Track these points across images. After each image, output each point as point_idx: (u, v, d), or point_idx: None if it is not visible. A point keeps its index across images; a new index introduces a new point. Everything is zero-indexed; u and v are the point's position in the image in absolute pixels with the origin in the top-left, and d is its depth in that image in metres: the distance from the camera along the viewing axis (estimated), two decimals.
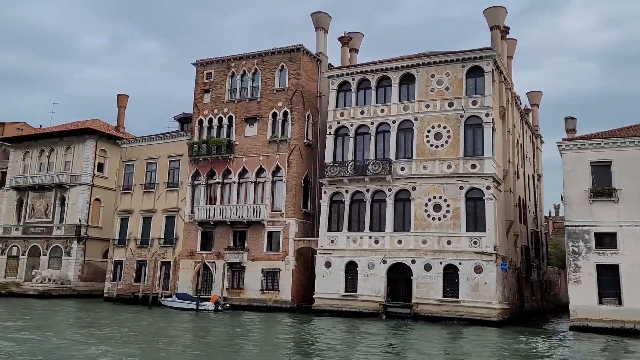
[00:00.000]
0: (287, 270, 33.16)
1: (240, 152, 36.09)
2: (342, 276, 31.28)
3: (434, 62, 31.35)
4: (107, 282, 39.41)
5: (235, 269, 34.69)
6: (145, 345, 18.62)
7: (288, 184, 34.32)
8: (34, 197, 46.80)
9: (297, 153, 34.63)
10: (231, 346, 19.11)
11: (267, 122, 35.70)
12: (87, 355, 15.98)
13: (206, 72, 38.42)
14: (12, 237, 46.93)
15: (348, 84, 33.60)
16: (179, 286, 35.92)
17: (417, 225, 30.04)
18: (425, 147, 30.79)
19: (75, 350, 16.72)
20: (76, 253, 43.93)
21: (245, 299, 33.80)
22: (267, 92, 36.10)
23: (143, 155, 40.14)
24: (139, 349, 17.77)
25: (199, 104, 38.25)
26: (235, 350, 18.14)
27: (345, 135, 33.14)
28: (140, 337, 20.84)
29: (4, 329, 21.46)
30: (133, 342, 19.40)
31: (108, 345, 17.93)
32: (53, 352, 16.47)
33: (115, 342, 18.89)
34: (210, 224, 35.67)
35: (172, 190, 38.34)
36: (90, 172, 45.32)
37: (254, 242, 34.45)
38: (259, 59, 36.75)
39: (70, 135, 46.25)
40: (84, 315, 29.22)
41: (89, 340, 19.36)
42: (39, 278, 42.30)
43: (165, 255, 37.37)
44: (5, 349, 16.57)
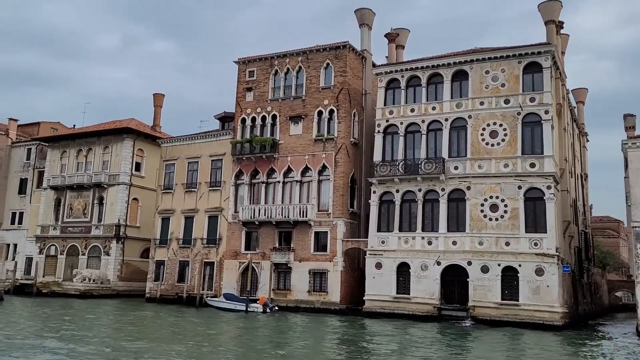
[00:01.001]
0: (336, 271, 32.53)
1: (284, 151, 35.55)
2: (393, 278, 30.56)
3: (489, 58, 30.48)
4: (149, 282, 39.16)
5: (281, 269, 34.16)
6: (212, 350, 18.11)
7: (335, 183, 33.69)
8: (72, 197, 46.79)
9: (344, 152, 33.99)
10: (290, 349, 18.57)
11: (313, 121, 35.10)
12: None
13: (248, 70, 37.94)
14: (50, 236, 46.98)
15: (397, 81, 32.85)
16: (223, 287, 35.49)
17: (472, 226, 29.20)
18: (480, 146, 29.93)
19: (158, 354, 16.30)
20: (115, 253, 43.81)
21: (292, 300, 33.25)
22: (312, 90, 35.52)
23: (184, 154, 39.82)
24: (209, 352, 17.29)
25: (241, 103, 37.80)
26: (296, 354, 17.59)
27: (395, 134, 32.40)
28: (202, 340, 20.35)
29: (78, 329, 21.15)
30: (198, 345, 18.90)
31: (179, 346, 17.49)
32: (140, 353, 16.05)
33: (180, 344, 18.42)
34: (255, 224, 35.19)
35: (214, 189, 37.95)
36: (128, 171, 45.17)
37: (300, 242, 33.89)
38: (303, 56, 36.16)
39: (108, 135, 46.16)
40: (137, 316, 28.83)
41: (166, 344, 18.93)
42: (80, 278, 42.24)
43: (209, 256, 36.98)
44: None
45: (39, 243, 47.36)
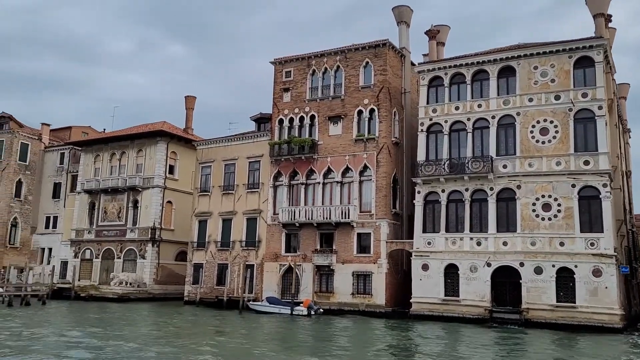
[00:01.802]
0: (380, 273, 31.95)
1: (324, 151, 35.08)
2: (441, 279, 29.91)
3: (537, 54, 29.67)
4: (187, 285, 38.94)
5: (323, 271, 33.68)
6: (275, 354, 17.68)
7: (378, 183, 33.12)
8: (106, 200, 46.85)
9: (386, 152, 33.41)
10: (346, 353, 18.04)
11: (353, 121, 34.58)
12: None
13: (285, 70, 37.57)
14: (85, 240, 47.10)
15: (440, 79, 32.20)
16: (263, 290, 35.13)
17: (524, 226, 28.42)
18: (530, 144, 29.14)
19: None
20: (151, 256, 43.72)
21: (335, 303, 32.73)
22: (351, 89, 35.00)
23: (220, 156, 39.56)
24: (272, 357, 16.87)
25: (278, 103, 37.42)
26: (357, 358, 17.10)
27: (439, 133, 31.75)
28: (263, 345, 19.93)
29: (142, 336, 20.89)
30: (255, 348, 18.50)
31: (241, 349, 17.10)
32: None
33: (241, 347, 18.03)
34: (296, 226, 34.77)
35: (252, 191, 37.62)
36: (163, 174, 45.09)
37: (342, 244, 33.38)
38: (341, 55, 35.68)
39: (141, 138, 46.16)
40: (183, 319, 28.51)
41: (225, 346, 18.56)
42: (117, 281, 42.21)
43: (248, 258, 36.64)
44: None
45: (74, 247, 47.50)
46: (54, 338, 19.69)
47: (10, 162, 49.97)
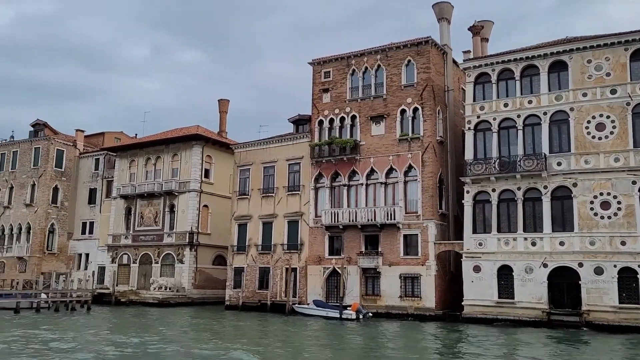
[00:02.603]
0: (429, 275, 31.21)
1: (367, 152, 34.49)
2: (494, 281, 29.06)
3: (591, 47, 28.72)
4: (228, 289, 38.62)
5: (369, 274, 33.07)
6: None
7: (424, 184, 32.42)
8: (142, 205, 46.87)
9: (431, 151, 32.69)
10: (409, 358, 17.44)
11: (396, 120, 33.94)
12: None
13: (324, 71, 37.10)
14: (122, 245, 47.15)
15: (487, 75, 31.40)
16: (307, 293, 34.63)
17: (581, 225, 27.46)
18: (585, 140, 28.19)
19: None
20: (189, 260, 43.56)
21: (383, 306, 32.09)
22: (393, 88, 34.38)
23: (259, 159, 39.21)
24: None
25: (317, 104, 36.96)
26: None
27: (487, 130, 30.94)
28: (316, 349, 19.40)
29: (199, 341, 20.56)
30: (314, 354, 17.97)
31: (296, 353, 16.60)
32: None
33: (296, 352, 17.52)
34: (339, 228, 34.21)
35: (293, 194, 37.18)
36: (199, 178, 44.95)
37: (388, 246, 32.73)
38: (382, 54, 35.09)
39: (176, 142, 46.09)
40: (237, 325, 28.06)
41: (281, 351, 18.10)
42: (156, 286, 42.15)
43: (290, 262, 36.17)
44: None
45: (111, 252, 47.60)
46: (133, 344, 19.41)
47: (47, 168, 50.35)
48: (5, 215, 51.44)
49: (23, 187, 51.10)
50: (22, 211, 50.60)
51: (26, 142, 52.22)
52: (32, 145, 51.72)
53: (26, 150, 51.94)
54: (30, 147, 51.77)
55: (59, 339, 20.34)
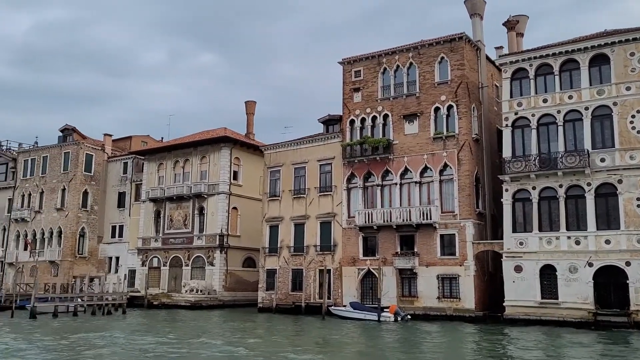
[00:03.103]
0: (468, 276, 30.63)
1: (400, 151, 34.02)
2: (536, 281, 28.37)
3: (633, 39, 27.90)
4: (261, 291, 38.44)
5: (405, 275, 32.58)
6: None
7: (460, 182, 31.84)
8: (172, 208, 46.98)
9: (467, 149, 32.10)
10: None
11: (429, 118, 33.43)
12: None
13: (354, 70, 36.73)
14: (152, 248, 47.31)
15: (524, 71, 30.70)
16: (343, 295, 34.26)
17: (628, 223, 26.65)
18: (630, 135, 27.36)
19: None
20: (219, 263, 43.53)
21: (420, 308, 31.57)
22: (426, 86, 33.87)
23: (289, 160, 38.97)
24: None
25: (348, 104, 36.60)
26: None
27: (526, 127, 30.24)
28: (364, 353, 19.00)
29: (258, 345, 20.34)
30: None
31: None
32: None
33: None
34: (373, 229, 33.79)
35: (325, 194, 36.85)
36: (227, 180, 44.92)
37: (424, 246, 32.21)
38: (414, 52, 34.60)
39: (204, 145, 46.12)
40: (278, 328, 27.71)
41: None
42: (188, 288, 42.20)
43: (324, 263, 35.84)
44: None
45: (141, 255, 47.79)
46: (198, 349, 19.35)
47: (76, 173, 50.79)
48: (37, 220, 52.02)
49: (53, 191, 51.63)
50: (53, 215, 51.11)
51: (56, 147, 52.75)
52: (61, 150, 52.22)
53: (56, 155, 52.47)
54: (59, 152, 52.28)
55: (141, 340, 20.33)
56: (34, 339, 20.82)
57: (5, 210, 54.55)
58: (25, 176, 54.03)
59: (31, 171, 53.72)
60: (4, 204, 54.85)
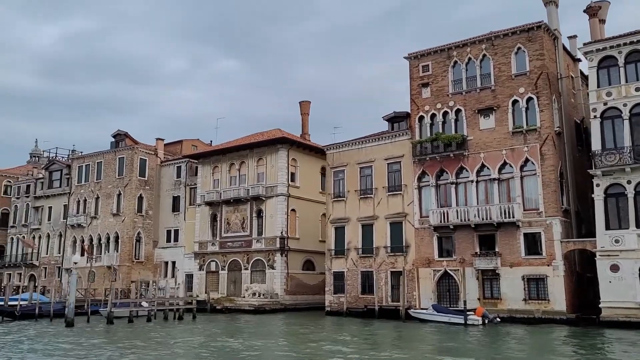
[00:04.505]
0: (557, 276, 29.02)
1: (475, 147, 32.64)
2: (636, 281, 26.64)
3: None
4: (328, 294, 37.43)
5: (486, 276, 31.13)
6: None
7: (544, 178, 30.28)
8: (228, 211, 46.43)
9: (550, 143, 30.54)
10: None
11: (507, 112, 31.98)
12: None
13: (422, 64, 35.52)
14: (209, 252, 46.82)
15: (612, 59, 29.04)
16: (419, 298, 32.97)
17: None
18: None
19: None
20: (280, 266, 42.73)
21: (504, 310, 30.06)
22: (502, 78, 32.43)
23: (354, 159, 37.90)
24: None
25: (417, 100, 35.39)
26: None
27: (616, 118, 28.55)
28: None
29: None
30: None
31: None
32: None
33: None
34: (449, 228, 32.45)
35: (394, 194, 35.66)
36: (285, 182, 44.14)
37: (506, 245, 30.72)
38: (487, 43, 33.21)
39: (261, 147, 45.48)
40: (370, 333, 26.63)
41: None
42: (250, 292, 41.48)
43: (395, 265, 34.65)
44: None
45: (198, 259, 47.36)
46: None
47: (132, 178, 50.76)
48: (93, 225, 52.17)
49: (109, 197, 51.71)
50: (109, 221, 51.18)
51: (110, 152, 52.88)
52: (115, 155, 52.31)
53: (110, 161, 52.59)
54: (114, 157, 52.38)
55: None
56: (167, 344, 20.39)
57: (61, 217, 54.94)
58: (80, 182, 54.33)
59: (86, 177, 53.97)
60: (60, 210, 55.25)
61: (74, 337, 23.82)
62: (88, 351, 19.16)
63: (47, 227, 56.03)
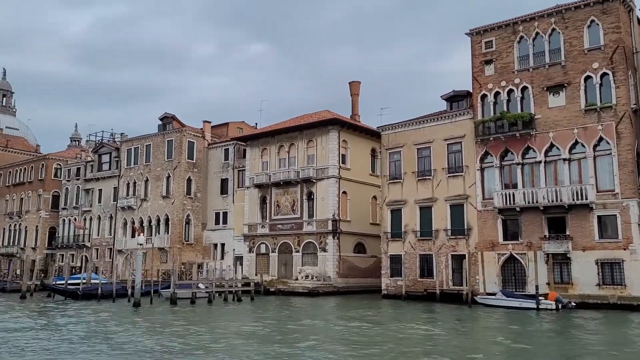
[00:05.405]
0: (635, 260, 27.70)
1: (544, 125, 31.26)
2: None
3: None
4: (384, 278, 36.85)
5: (556, 260, 29.96)
6: None
7: (620, 158, 28.80)
8: (278, 194, 46.15)
9: (627, 121, 28.97)
10: None
11: (579, 89, 30.44)
12: None
13: (484, 40, 34.11)
14: (259, 234, 46.75)
15: None
16: (483, 282, 32.07)
17: None
18: None
19: None
20: (332, 248, 42.33)
21: (576, 296, 28.92)
22: (573, 53, 30.84)
23: (411, 140, 36.91)
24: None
25: (479, 78, 34.07)
26: None
27: None
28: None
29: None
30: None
31: None
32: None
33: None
34: (515, 211, 31.31)
35: (454, 175, 34.63)
36: (336, 164, 43.49)
37: (577, 228, 29.46)
38: (557, 16, 31.58)
39: (310, 128, 44.86)
40: (455, 320, 25.91)
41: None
42: (304, 275, 41.26)
43: (457, 248, 33.77)
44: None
45: (248, 242, 47.37)
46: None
47: (181, 160, 50.92)
48: (143, 208, 52.72)
49: (158, 179, 52.07)
50: (159, 203, 51.59)
51: (158, 135, 53.11)
52: (164, 138, 52.50)
53: (159, 144, 52.83)
54: (162, 140, 52.59)
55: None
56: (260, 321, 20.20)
57: (111, 199, 55.72)
58: (129, 165, 54.85)
59: (135, 160, 54.43)
60: (110, 193, 56.04)
61: (152, 316, 23.98)
62: (187, 328, 19.12)
63: (98, 209, 56.95)
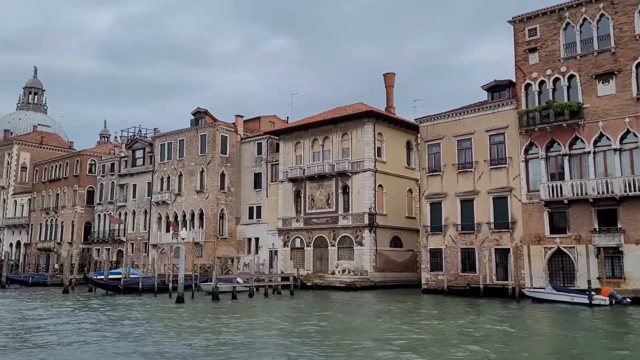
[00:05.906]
0: None
1: (592, 115, 30.20)
2: None
3: None
4: (424, 272, 36.30)
5: (607, 254, 28.98)
6: None
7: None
8: (312, 188, 45.85)
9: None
10: None
11: (630, 76, 29.29)
12: None
13: (528, 28, 33.09)
14: (293, 228, 46.57)
15: None
16: (529, 276, 31.24)
17: None
18: None
19: None
20: (369, 243, 41.88)
21: (629, 291, 27.93)
22: (624, 39, 29.66)
23: (450, 132, 36.15)
24: None
25: (523, 67, 33.09)
26: None
27: None
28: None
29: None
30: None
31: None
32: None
33: None
34: (563, 203, 30.39)
35: (497, 167, 33.80)
36: (372, 157, 42.95)
37: (630, 221, 28.42)
38: (605, 2, 30.39)
39: (345, 121, 44.38)
40: (518, 317, 25.23)
41: None
42: (341, 269, 40.96)
43: (500, 242, 32.99)
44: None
45: (282, 236, 47.23)
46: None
47: (214, 155, 51.03)
48: (177, 202, 53.07)
49: (192, 174, 52.31)
50: (194, 198, 51.85)
51: (191, 130, 53.29)
52: (197, 132, 52.66)
53: (192, 138, 53.03)
54: (195, 135, 52.76)
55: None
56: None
57: (146, 194, 56.25)
58: (162, 160, 55.22)
59: (168, 155, 54.76)
60: (144, 188, 56.57)
61: (202, 312, 23.98)
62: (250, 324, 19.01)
63: (133, 204, 57.56)
